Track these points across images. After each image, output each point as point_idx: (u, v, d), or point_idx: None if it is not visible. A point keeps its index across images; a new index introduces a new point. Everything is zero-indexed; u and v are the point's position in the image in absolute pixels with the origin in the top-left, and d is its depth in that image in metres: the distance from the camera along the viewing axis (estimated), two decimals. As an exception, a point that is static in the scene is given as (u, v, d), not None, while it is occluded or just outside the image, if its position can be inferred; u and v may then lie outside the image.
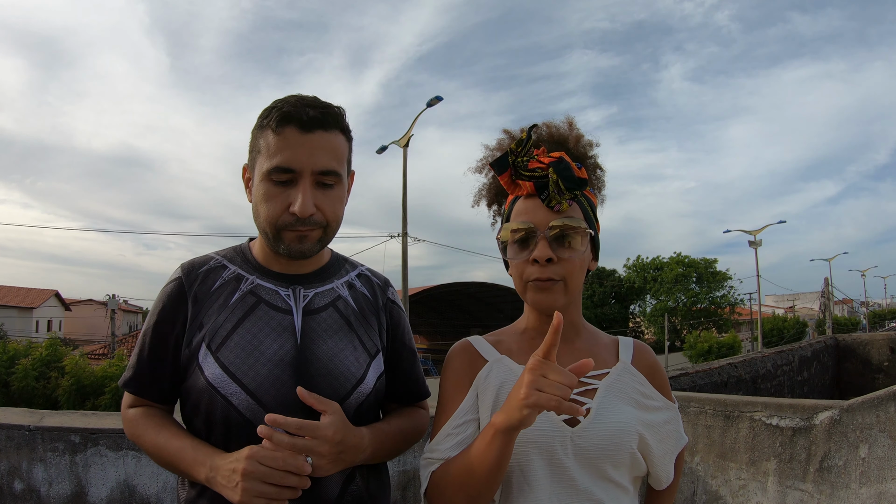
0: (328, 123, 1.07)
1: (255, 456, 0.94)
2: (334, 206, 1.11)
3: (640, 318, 43.82)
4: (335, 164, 1.08)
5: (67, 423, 2.60)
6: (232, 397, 1.03)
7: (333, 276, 1.21)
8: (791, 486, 2.69)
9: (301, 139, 1.05)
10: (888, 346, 15.34)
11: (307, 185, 1.05)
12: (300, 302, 1.14)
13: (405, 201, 15.56)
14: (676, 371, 8.09)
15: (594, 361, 1.07)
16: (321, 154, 1.06)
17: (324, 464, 0.99)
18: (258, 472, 0.93)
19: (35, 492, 2.49)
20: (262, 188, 1.08)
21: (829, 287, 32.51)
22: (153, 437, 1.08)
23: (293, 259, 1.14)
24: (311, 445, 0.97)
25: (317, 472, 0.99)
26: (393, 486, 2.93)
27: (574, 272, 1.05)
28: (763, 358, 10.92)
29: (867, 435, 2.49)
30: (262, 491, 0.93)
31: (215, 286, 1.13)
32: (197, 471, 1.01)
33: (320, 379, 1.07)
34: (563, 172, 1.03)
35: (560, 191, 1.04)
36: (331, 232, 1.13)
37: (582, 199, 1.09)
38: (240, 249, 1.20)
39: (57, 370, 11.60)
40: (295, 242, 1.09)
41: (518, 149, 1.06)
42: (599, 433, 1.01)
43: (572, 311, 1.12)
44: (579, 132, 1.15)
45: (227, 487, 0.96)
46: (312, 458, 0.98)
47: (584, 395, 1.05)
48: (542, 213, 1.05)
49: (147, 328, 1.13)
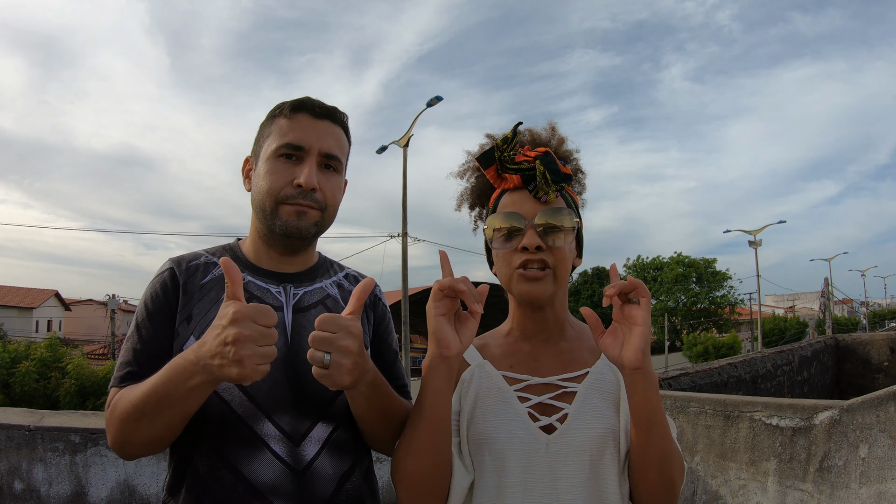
0: (336, 118, 1.16)
1: (241, 316, 0.84)
2: (334, 192, 1.15)
3: (640, 318, 43.66)
4: (339, 152, 1.15)
5: (67, 423, 2.60)
6: (224, 393, 1.02)
7: (322, 276, 1.22)
8: (791, 485, 2.69)
9: (312, 123, 1.13)
10: (888, 346, 15.34)
11: (313, 163, 1.11)
12: (290, 299, 1.14)
13: (405, 201, 15.56)
14: (676, 371, 8.08)
15: (576, 362, 1.07)
16: (329, 138, 1.14)
17: (345, 362, 0.90)
18: (251, 334, 0.84)
19: (35, 492, 2.49)
20: (268, 165, 1.11)
21: (829, 287, 32.52)
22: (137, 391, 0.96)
23: (288, 238, 1.12)
24: (334, 337, 0.90)
25: (334, 371, 0.90)
26: (389, 487, 2.93)
27: (563, 261, 1.06)
28: (763, 358, 10.92)
29: (867, 435, 2.49)
30: (262, 353, 0.84)
31: (205, 281, 1.12)
32: (186, 370, 0.89)
33: (311, 375, 1.03)
34: (550, 165, 1.07)
35: (547, 182, 1.06)
36: (327, 218, 1.15)
37: (566, 195, 1.11)
38: (229, 247, 1.20)
39: (58, 370, 11.59)
40: (293, 217, 1.09)
41: (504, 145, 1.10)
42: (576, 439, 0.98)
43: (557, 307, 1.11)
44: (561, 136, 1.18)
45: (224, 366, 0.84)
46: (336, 354, 0.90)
47: (562, 399, 1.03)
48: (530, 204, 1.07)
49: (141, 320, 1.09)
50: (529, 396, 1.03)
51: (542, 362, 1.08)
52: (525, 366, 1.08)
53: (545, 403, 1.03)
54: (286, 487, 1.01)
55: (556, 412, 1.01)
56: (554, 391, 1.04)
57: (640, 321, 0.88)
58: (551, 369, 1.07)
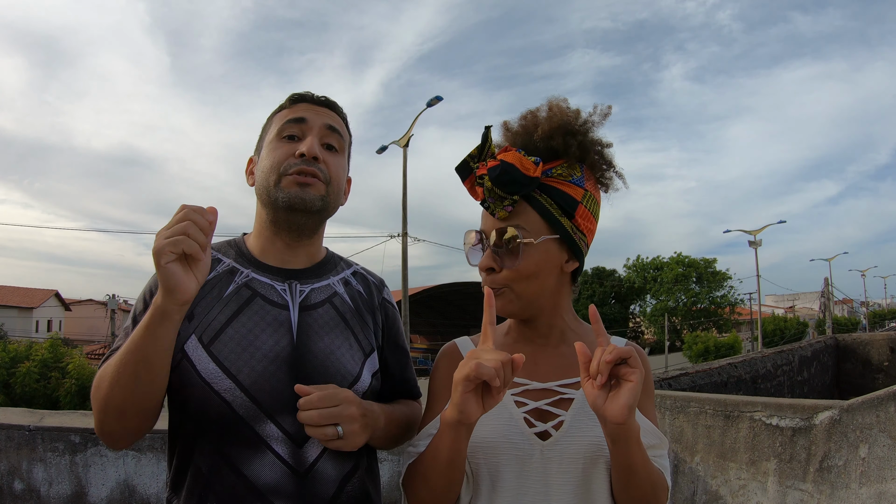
0: (336, 108, 1.20)
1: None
2: (338, 169, 1.15)
3: (640, 318, 43.82)
4: (341, 131, 1.18)
5: (67, 423, 2.60)
6: (225, 393, 1.00)
7: (329, 273, 1.19)
8: (791, 486, 2.69)
9: (312, 107, 1.17)
10: (888, 346, 15.34)
11: (315, 135, 1.13)
12: (296, 297, 1.11)
13: (405, 201, 15.57)
14: (676, 371, 8.08)
15: (575, 368, 1.02)
16: (329, 117, 1.17)
17: (355, 428, 0.98)
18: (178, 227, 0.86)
19: (35, 492, 2.49)
20: (271, 146, 1.13)
21: (829, 287, 32.51)
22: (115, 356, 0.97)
23: (293, 212, 1.09)
24: (339, 410, 0.97)
25: (349, 439, 0.98)
26: (392, 486, 2.93)
27: (518, 280, 1.00)
28: (763, 358, 10.92)
29: (867, 435, 2.49)
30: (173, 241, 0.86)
31: (209, 278, 1.08)
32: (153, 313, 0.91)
33: (316, 376, 1.05)
34: (500, 178, 0.96)
35: (496, 198, 0.98)
36: (332, 194, 1.13)
37: (541, 198, 1.00)
38: (234, 243, 1.18)
39: (58, 370, 11.60)
40: (295, 188, 1.08)
41: (476, 153, 1.02)
42: (570, 448, 0.97)
43: (549, 315, 1.07)
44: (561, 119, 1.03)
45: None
46: (344, 424, 0.97)
47: (558, 406, 1.02)
48: (489, 220, 1.02)
49: (139, 314, 1.06)
50: (526, 401, 1.02)
51: (542, 366, 1.06)
52: (524, 369, 1.05)
53: (542, 409, 1.01)
54: (288, 488, 1.01)
55: (553, 418, 1.00)
56: (551, 397, 1.02)
57: (632, 378, 0.83)
58: (550, 374, 1.05)
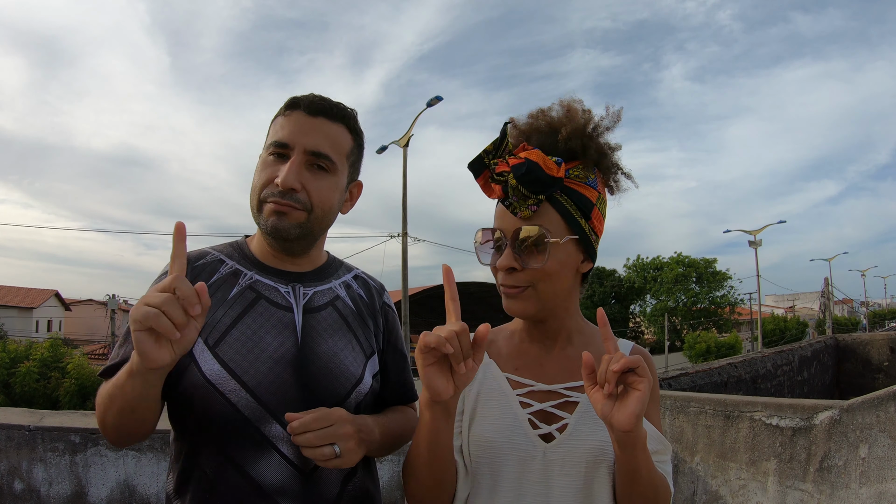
0: (333, 114, 1.12)
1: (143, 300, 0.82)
2: (322, 191, 1.09)
3: (640, 318, 43.85)
4: (329, 150, 1.10)
5: (67, 423, 2.60)
6: (231, 395, 1.00)
7: (331, 277, 1.20)
8: (791, 485, 2.69)
9: (303, 120, 1.10)
10: (888, 346, 15.35)
11: (296, 161, 1.07)
12: (300, 300, 1.12)
13: (405, 201, 15.58)
14: (676, 371, 8.08)
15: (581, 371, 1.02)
16: (318, 136, 1.09)
17: (351, 445, 0.99)
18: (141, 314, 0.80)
19: (35, 492, 2.49)
20: (260, 162, 1.12)
21: (829, 287, 32.52)
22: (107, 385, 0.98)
23: (272, 238, 1.10)
24: (334, 429, 0.97)
25: (347, 457, 0.99)
26: (392, 486, 2.93)
27: (543, 279, 0.99)
28: (763, 358, 10.92)
29: (867, 435, 2.49)
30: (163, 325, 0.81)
31: (213, 280, 1.10)
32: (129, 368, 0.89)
33: (321, 378, 1.06)
34: (525, 176, 0.94)
35: (521, 196, 0.96)
36: (315, 219, 1.10)
37: (562, 199, 0.99)
38: (237, 245, 1.18)
39: (58, 370, 11.60)
40: (273, 217, 1.07)
41: (493, 149, 0.99)
42: (573, 451, 0.97)
43: (561, 316, 1.06)
44: (580, 121, 1.02)
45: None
46: (339, 442, 0.98)
47: (563, 409, 1.01)
48: (509, 219, 0.99)
49: None
50: (532, 403, 1.02)
51: (548, 368, 1.06)
52: (530, 370, 1.06)
53: (546, 411, 1.01)
54: (294, 488, 1.01)
55: (557, 421, 1.00)
56: (557, 399, 1.02)
57: (641, 387, 0.82)
58: (556, 376, 1.05)
